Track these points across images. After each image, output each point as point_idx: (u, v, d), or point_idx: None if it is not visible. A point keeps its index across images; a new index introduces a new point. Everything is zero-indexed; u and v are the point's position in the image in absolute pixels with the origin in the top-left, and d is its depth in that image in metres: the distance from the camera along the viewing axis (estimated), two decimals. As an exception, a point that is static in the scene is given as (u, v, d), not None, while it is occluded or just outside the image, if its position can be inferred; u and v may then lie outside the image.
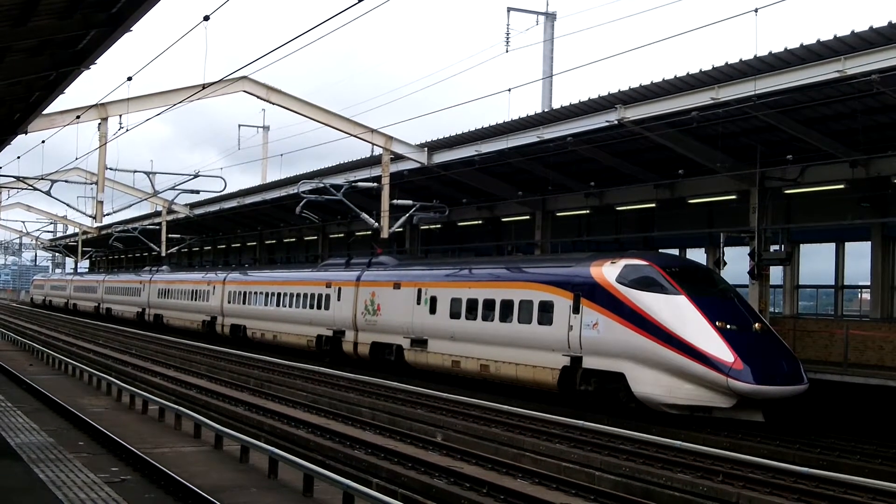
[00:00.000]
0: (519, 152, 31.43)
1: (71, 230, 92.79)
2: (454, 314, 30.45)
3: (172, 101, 31.97)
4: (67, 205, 49.94)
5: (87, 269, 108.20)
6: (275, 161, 63.70)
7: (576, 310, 25.30)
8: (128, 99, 31.51)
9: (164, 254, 63.37)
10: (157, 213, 63.49)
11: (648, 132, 26.54)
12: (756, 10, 20.62)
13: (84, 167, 49.20)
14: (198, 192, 49.86)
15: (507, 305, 28.15)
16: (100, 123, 32.80)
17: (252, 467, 16.70)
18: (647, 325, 23.24)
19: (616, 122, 26.17)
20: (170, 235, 64.22)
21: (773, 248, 27.73)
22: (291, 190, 43.53)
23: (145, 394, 24.42)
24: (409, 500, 14.49)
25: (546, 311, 26.49)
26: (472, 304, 29.71)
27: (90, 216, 43.02)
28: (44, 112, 26.44)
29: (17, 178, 45.84)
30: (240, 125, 68.17)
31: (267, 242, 66.07)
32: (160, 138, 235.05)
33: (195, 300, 55.00)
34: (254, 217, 58.54)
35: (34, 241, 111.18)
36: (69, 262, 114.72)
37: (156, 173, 46.33)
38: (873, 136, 25.16)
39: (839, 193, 27.27)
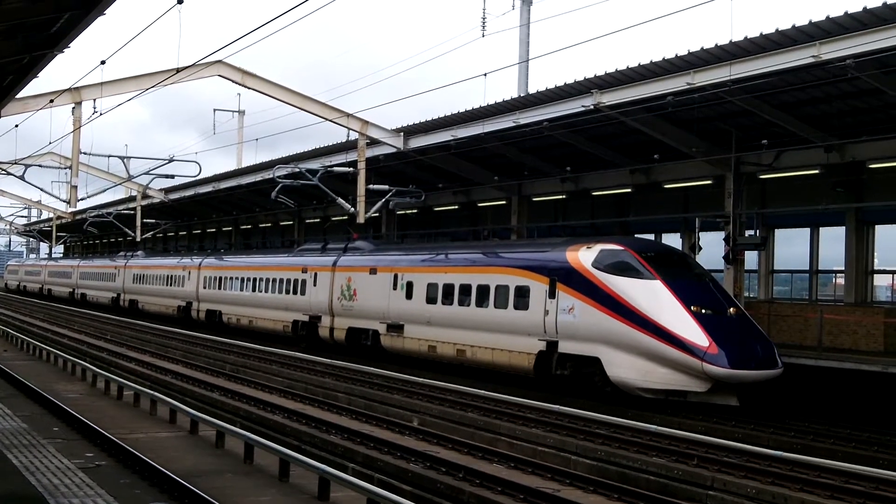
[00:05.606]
0: (495, 137, 31.39)
1: (45, 215, 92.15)
2: (430, 299, 30.42)
3: (146, 85, 31.76)
4: (41, 189, 49.66)
5: (61, 255, 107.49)
6: (251, 145, 63.62)
7: (552, 295, 25.34)
8: (101, 83, 31.26)
9: (139, 239, 63.04)
10: (132, 198, 63.10)
11: (624, 117, 26.57)
12: (732, -5, 20.66)
13: (58, 151, 48.90)
14: (173, 176, 49.62)
15: (483, 290, 28.15)
16: (73, 107, 32.56)
17: (228, 452, 16.68)
18: (622, 309, 23.29)
19: (592, 107, 26.17)
20: (145, 220, 63.84)
21: (748, 232, 27.88)
22: (267, 175, 43.32)
23: (120, 379, 24.31)
24: (385, 484, 14.48)
25: (522, 295, 26.52)
26: (448, 289, 29.69)
27: (64, 201, 42.80)
28: (17, 96, 26.19)
29: (-10, 163, 45.51)
30: (215, 109, 67.55)
31: (242, 227, 65.85)
32: (138, 121, 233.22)
33: (170, 285, 54.76)
34: (229, 202, 58.30)
35: (8, 227, 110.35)
36: (43, 247, 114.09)
37: (130, 158, 46.09)
38: (848, 120, 25.29)
39: (814, 178, 27.40)
